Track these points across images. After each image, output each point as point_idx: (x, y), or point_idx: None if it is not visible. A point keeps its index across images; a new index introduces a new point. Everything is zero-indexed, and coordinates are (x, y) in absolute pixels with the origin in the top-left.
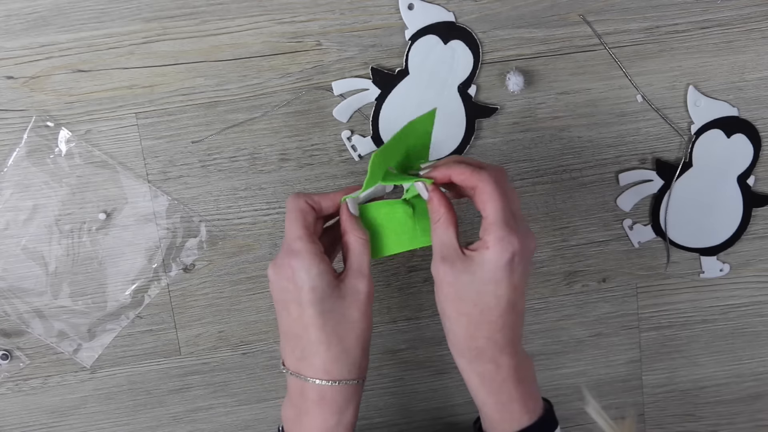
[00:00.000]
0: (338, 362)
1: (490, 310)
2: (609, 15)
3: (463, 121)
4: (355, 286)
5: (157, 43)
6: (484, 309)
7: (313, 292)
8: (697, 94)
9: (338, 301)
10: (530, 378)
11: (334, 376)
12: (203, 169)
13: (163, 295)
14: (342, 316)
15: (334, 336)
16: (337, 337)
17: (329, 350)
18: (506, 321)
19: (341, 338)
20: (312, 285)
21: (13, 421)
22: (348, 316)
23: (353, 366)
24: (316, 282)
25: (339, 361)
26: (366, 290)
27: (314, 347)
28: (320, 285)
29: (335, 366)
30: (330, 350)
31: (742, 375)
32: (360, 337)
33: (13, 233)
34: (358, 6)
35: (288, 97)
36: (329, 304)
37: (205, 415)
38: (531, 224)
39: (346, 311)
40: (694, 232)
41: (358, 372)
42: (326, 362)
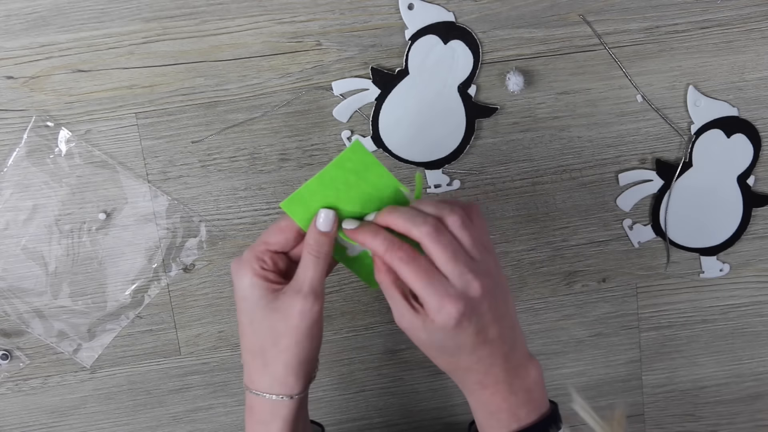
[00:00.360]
0: (260, 374)
1: (459, 353)
2: (609, 15)
3: (463, 121)
4: (289, 302)
5: (157, 43)
6: (452, 354)
7: (244, 301)
8: (697, 94)
9: (269, 314)
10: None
11: (257, 386)
12: (203, 169)
13: (163, 295)
14: (269, 329)
15: (258, 347)
16: (260, 348)
17: (254, 360)
18: (480, 355)
19: (264, 351)
20: (243, 295)
21: (13, 421)
22: (275, 330)
23: (274, 381)
24: (246, 292)
25: (261, 372)
26: (299, 308)
27: (245, 354)
28: (250, 296)
29: (258, 377)
30: (254, 360)
31: (742, 375)
32: (284, 353)
33: (13, 233)
34: (358, 6)
35: (288, 97)
36: (259, 315)
37: (205, 415)
38: (531, 224)
39: (274, 324)
40: (694, 232)
41: (280, 388)
42: (252, 371)
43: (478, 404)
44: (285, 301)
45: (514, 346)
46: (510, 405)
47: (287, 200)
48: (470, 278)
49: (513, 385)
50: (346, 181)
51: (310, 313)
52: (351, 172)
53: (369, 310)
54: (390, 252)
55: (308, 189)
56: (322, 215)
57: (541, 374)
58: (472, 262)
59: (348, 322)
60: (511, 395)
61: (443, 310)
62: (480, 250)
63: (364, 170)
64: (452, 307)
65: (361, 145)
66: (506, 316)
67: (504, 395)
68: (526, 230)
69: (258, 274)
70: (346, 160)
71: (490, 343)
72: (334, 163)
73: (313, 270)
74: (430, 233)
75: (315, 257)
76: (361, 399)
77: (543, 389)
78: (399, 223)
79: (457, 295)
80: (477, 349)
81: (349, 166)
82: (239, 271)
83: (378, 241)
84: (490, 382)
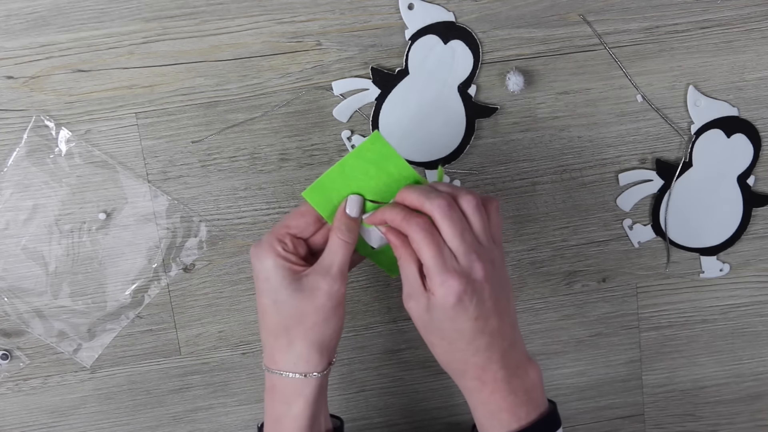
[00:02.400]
0: (284, 353)
1: (458, 340)
2: (609, 15)
3: (463, 121)
4: (316, 282)
5: (157, 43)
6: (451, 340)
7: (267, 282)
8: (697, 94)
9: (294, 294)
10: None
11: (280, 366)
12: (203, 169)
13: (163, 295)
14: (294, 308)
15: (282, 327)
16: (285, 328)
17: (277, 340)
18: (478, 346)
19: (288, 330)
20: (266, 276)
21: (13, 421)
22: (300, 309)
23: (299, 359)
24: (269, 273)
25: (284, 351)
26: (326, 288)
27: (266, 335)
28: (273, 276)
29: (281, 356)
30: (278, 340)
31: (742, 375)
32: (310, 331)
33: (13, 233)
34: (358, 6)
35: (288, 97)
36: (283, 295)
37: (205, 415)
38: (531, 224)
39: (299, 303)
40: (694, 232)
41: (305, 366)
42: (274, 351)
43: (479, 404)
44: (311, 282)
45: (514, 345)
46: (509, 404)
47: (309, 189)
48: (474, 259)
49: (512, 384)
50: (366, 172)
51: (337, 294)
52: (371, 162)
53: (369, 310)
54: (407, 219)
55: (329, 178)
56: (351, 200)
57: (541, 377)
58: (479, 245)
59: (348, 322)
60: (511, 394)
61: (445, 284)
62: (488, 239)
63: (384, 161)
64: (454, 282)
65: (381, 136)
66: (507, 313)
67: (503, 394)
68: (526, 230)
69: (280, 255)
70: (365, 150)
71: (490, 335)
72: (353, 152)
73: (342, 253)
74: (441, 206)
75: (344, 241)
76: (361, 399)
77: (542, 391)
78: (413, 197)
79: (461, 272)
80: (476, 338)
81: (369, 157)
82: (260, 253)
83: (395, 211)
84: (488, 379)
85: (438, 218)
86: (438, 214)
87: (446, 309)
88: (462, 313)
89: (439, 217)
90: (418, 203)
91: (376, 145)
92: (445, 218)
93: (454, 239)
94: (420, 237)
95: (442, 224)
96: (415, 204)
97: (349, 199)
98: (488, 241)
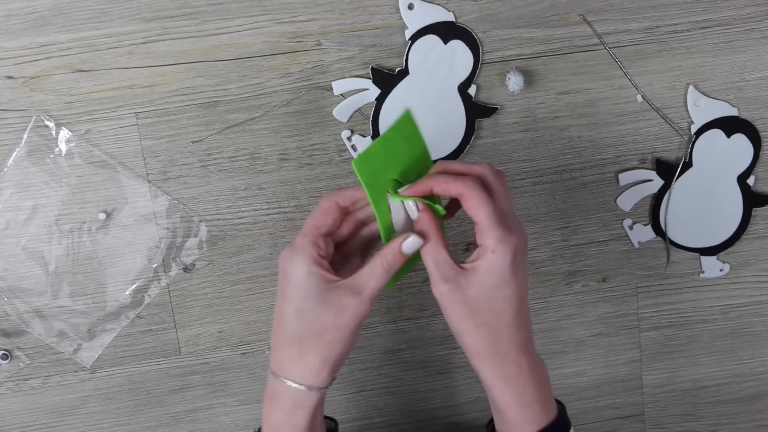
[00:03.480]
0: (293, 363)
1: (506, 312)
2: (609, 15)
3: (463, 121)
4: (344, 298)
5: (157, 43)
6: (499, 314)
7: (295, 289)
8: (697, 93)
9: (319, 306)
10: (545, 379)
11: (287, 374)
12: (203, 169)
13: (163, 295)
14: (315, 321)
15: (297, 336)
16: (300, 338)
17: (289, 348)
18: (522, 320)
19: (303, 341)
20: (295, 282)
21: (13, 421)
22: (321, 323)
23: (308, 372)
24: (300, 281)
25: (294, 362)
26: (354, 309)
27: (279, 341)
28: (303, 284)
29: (290, 365)
30: (290, 348)
31: (742, 375)
32: (325, 347)
33: (13, 233)
34: (358, 6)
35: (288, 97)
36: (309, 305)
37: (205, 415)
38: (531, 224)
39: (321, 317)
40: (694, 232)
41: (311, 379)
42: (284, 359)
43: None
44: (340, 298)
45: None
46: (541, 395)
47: (359, 158)
48: (516, 221)
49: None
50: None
51: (362, 316)
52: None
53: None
54: (463, 178)
55: (374, 150)
56: (411, 241)
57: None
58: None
59: None
60: (542, 383)
61: (505, 239)
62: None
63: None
64: (513, 237)
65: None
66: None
67: (536, 383)
68: (526, 230)
69: (316, 261)
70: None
71: (526, 311)
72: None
73: (378, 280)
74: (490, 169)
75: (386, 271)
76: (361, 399)
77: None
78: (456, 166)
79: (517, 231)
80: (519, 310)
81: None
82: (294, 259)
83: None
84: (525, 364)
85: (490, 179)
86: (490, 176)
87: (502, 270)
88: (514, 276)
89: (492, 178)
90: (464, 168)
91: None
92: (495, 179)
93: (503, 200)
94: (477, 193)
95: (495, 184)
96: (461, 170)
97: (411, 238)
98: None
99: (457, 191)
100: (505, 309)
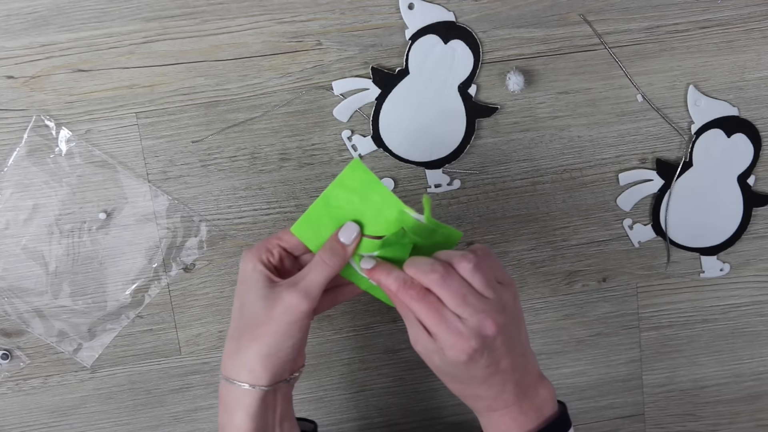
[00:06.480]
0: (230, 358)
1: (470, 382)
2: (609, 15)
3: (464, 120)
4: (280, 292)
5: (157, 42)
6: (463, 383)
7: (242, 284)
8: (697, 93)
9: (258, 300)
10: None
11: (225, 371)
12: (203, 169)
13: (163, 295)
14: (253, 315)
15: (237, 331)
16: (239, 333)
17: (230, 344)
18: (491, 383)
19: (241, 335)
20: (244, 278)
21: (13, 420)
22: (258, 316)
23: (242, 367)
24: (247, 276)
25: (232, 357)
26: (287, 300)
27: (227, 338)
28: (249, 280)
29: (228, 361)
30: (230, 344)
31: (742, 375)
32: (258, 340)
33: (13, 233)
34: (358, 6)
35: (288, 97)
36: (250, 299)
37: (205, 414)
38: (531, 224)
39: (257, 311)
40: (694, 232)
41: (247, 376)
42: (225, 355)
43: (489, 425)
44: (276, 292)
45: (525, 371)
46: (519, 424)
47: (296, 224)
48: (483, 317)
49: (522, 407)
50: (350, 201)
51: (296, 309)
52: (354, 191)
53: (369, 309)
54: (402, 290)
55: (315, 211)
56: (347, 227)
57: (553, 393)
58: (485, 302)
59: (348, 321)
60: (521, 415)
61: (455, 347)
62: (494, 288)
63: (367, 190)
64: (465, 343)
65: (360, 163)
66: (518, 344)
67: (513, 415)
68: (526, 230)
69: (262, 262)
70: (346, 179)
71: (502, 373)
72: (335, 182)
73: (317, 273)
74: (436, 280)
75: (324, 263)
76: (361, 399)
77: (554, 405)
78: (411, 272)
79: (470, 333)
80: (488, 378)
81: (352, 185)
82: (246, 256)
83: (390, 279)
84: (499, 406)
85: (437, 291)
86: (436, 288)
87: (458, 365)
88: (473, 365)
89: (438, 289)
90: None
91: (357, 172)
92: (443, 289)
93: (458, 307)
94: (418, 308)
95: (443, 296)
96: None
97: (346, 225)
98: (495, 291)
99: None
100: (469, 380)
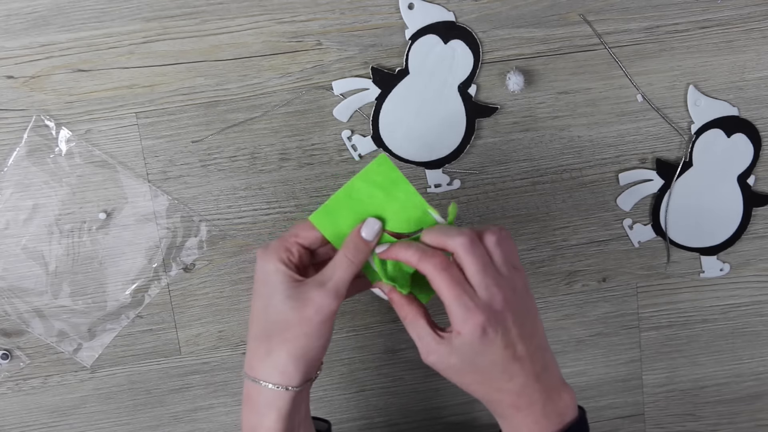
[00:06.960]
0: (262, 361)
1: (492, 370)
2: (609, 15)
3: (463, 120)
4: (308, 292)
5: (157, 42)
6: (484, 374)
7: (264, 285)
8: (697, 93)
9: (285, 301)
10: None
11: (256, 374)
12: (203, 169)
13: (163, 295)
14: (281, 317)
15: (265, 333)
16: (267, 335)
17: (258, 346)
18: (512, 372)
19: (270, 337)
20: (265, 279)
21: (13, 420)
22: (287, 319)
23: (274, 369)
24: (269, 277)
25: (262, 360)
26: (317, 300)
27: (250, 340)
28: (272, 281)
29: (258, 364)
30: (259, 347)
31: (742, 374)
32: (290, 342)
33: (13, 233)
34: (358, 6)
35: (288, 97)
36: (275, 301)
37: (205, 414)
38: (531, 224)
39: (287, 313)
40: (694, 232)
41: (279, 377)
42: (253, 358)
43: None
44: (304, 292)
45: (547, 368)
46: (541, 427)
47: (316, 213)
48: (495, 291)
49: (546, 409)
50: (372, 196)
51: (327, 309)
52: (378, 186)
53: (369, 309)
54: (424, 259)
55: (336, 201)
56: (369, 223)
57: (575, 401)
58: (500, 276)
59: (348, 321)
60: (543, 418)
61: (469, 320)
62: (509, 268)
63: (391, 186)
64: (478, 316)
65: (387, 159)
66: (534, 336)
67: (536, 417)
68: (526, 230)
69: (284, 262)
70: (372, 173)
71: (520, 361)
72: (360, 175)
73: (343, 271)
74: (464, 243)
75: (349, 260)
76: (361, 398)
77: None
78: (434, 237)
79: (483, 305)
80: (507, 365)
81: (376, 180)
82: (265, 257)
83: (411, 251)
84: (524, 403)
85: (461, 254)
86: (462, 251)
87: (474, 344)
88: (490, 345)
89: (463, 253)
90: (439, 242)
91: (383, 167)
92: (468, 254)
93: (477, 275)
94: (440, 277)
95: (466, 260)
96: (436, 243)
97: (368, 221)
98: (509, 271)
99: (421, 270)
100: (490, 369)
